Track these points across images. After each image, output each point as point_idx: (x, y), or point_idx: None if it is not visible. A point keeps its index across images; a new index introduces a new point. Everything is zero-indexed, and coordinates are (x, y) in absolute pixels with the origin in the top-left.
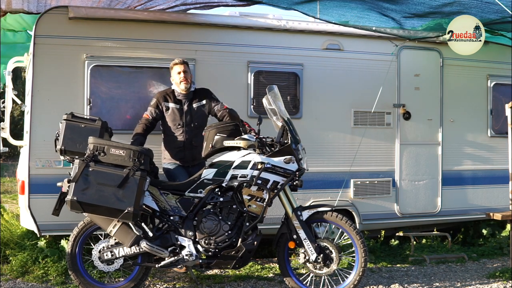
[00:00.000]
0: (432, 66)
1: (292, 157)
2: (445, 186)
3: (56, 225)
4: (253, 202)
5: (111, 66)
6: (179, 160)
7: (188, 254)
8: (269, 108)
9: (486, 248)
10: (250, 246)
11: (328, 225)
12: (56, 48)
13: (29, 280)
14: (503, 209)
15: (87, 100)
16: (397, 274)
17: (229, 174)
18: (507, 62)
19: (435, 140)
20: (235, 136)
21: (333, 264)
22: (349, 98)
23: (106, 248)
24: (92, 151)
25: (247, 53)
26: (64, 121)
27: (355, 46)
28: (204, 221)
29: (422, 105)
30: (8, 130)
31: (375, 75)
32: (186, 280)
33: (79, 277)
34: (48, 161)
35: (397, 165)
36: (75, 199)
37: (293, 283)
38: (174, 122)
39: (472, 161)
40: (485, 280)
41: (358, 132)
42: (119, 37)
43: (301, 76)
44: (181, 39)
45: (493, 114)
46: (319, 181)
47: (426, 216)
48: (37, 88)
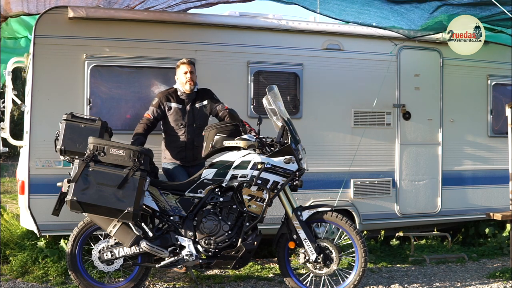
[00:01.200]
0: (432, 66)
1: (292, 157)
2: (445, 186)
3: (56, 225)
4: (253, 202)
5: (111, 66)
6: (180, 160)
7: (188, 254)
8: (269, 108)
9: (486, 248)
10: (250, 246)
11: (328, 225)
12: (56, 48)
13: (29, 280)
14: (503, 209)
15: (87, 100)
16: (397, 274)
17: (229, 174)
18: (507, 62)
19: (435, 140)
20: (235, 136)
21: (333, 264)
22: (349, 98)
23: (106, 248)
24: (92, 151)
25: (247, 53)
26: (64, 121)
27: (355, 46)
28: (204, 221)
29: (422, 105)
30: (8, 130)
31: (375, 75)
32: (186, 280)
33: (79, 277)
34: (48, 161)
35: (397, 165)
36: (75, 199)
37: (293, 283)
38: (177, 122)
39: (472, 161)
40: (485, 280)
41: (358, 132)
42: (119, 37)
43: (301, 76)
44: (181, 39)
45: (493, 114)
46: (319, 181)
47: (426, 216)
48: (37, 88)
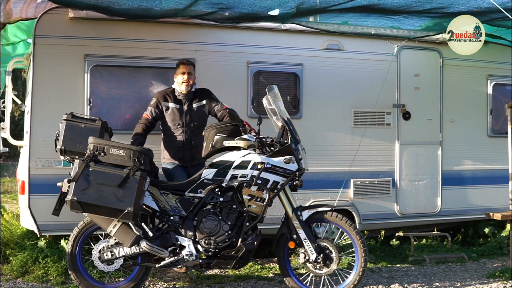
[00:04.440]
0: (432, 66)
1: (292, 157)
2: (445, 186)
3: (56, 225)
4: (253, 202)
5: (111, 66)
6: (178, 160)
7: (188, 254)
8: (269, 108)
9: (486, 248)
10: (250, 246)
11: (328, 225)
12: (56, 48)
13: (29, 280)
14: (503, 209)
15: (87, 100)
16: (397, 274)
17: (229, 174)
18: (507, 62)
19: (435, 140)
20: (235, 136)
21: (333, 264)
22: (349, 98)
23: (106, 248)
24: (92, 151)
25: (247, 53)
26: (64, 121)
27: (355, 46)
28: (204, 221)
29: (422, 105)
30: (8, 130)
31: (375, 75)
32: (186, 280)
33: (79, 277)
34: (48, 161)
35: (397, 165)
36: (75, 199)
37: (293, 283)
38: (174, 122)
39: (472, 161)
40: (485, 280)
41: (358, 132)
42: (119, 37)
43: (301, 76)
44: (181, 39)
45: (493, 114)
46: (319, 181)
47: (426, 216)
48: (37, 88)
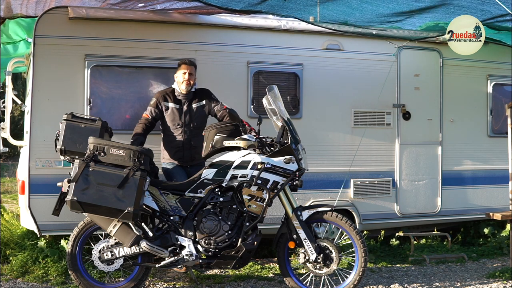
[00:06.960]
0: (432, 66)
1: (292, 157)
2: (445, 186)
3: (56, 225)
4: (253, 202)
5: (111, 66)
6: (178, 160)
7: (188, 254)
8: (269, 108)
9: (486, 248)
10: (250, 246)
11: (328, 225)
12: (56, 48)
13: (29, 280)
14: (503, 209)
15: (87, 100)
16: (397, 274)
17: (229, 174)
18: (507, 62)
19: (435, 140)
20: (235, 136)
21: (333, 264)
22: (349, 98)
23: (106, 248)
24: (92, 151)
25: (247, 53)
26: (64, 121)
27: (355, 46)
28: (204, 221)
29: (422, 105)
30: (8, 130)
31: (375, 75)
32: (186, 280)
33: (79, 277)
34: (48, 161)
35: (397, 165)
36: (75, 199)
37: (293, 283)
38: (173, 122)
39: (472, 161)
40: (485, 280)
41: (358, 132)
42: (119, 37)
43: (301, 76)
44: (181, 39)
45: (493, 114)
46: (319, 181)
47: (426, 216)
48: (37, 88)
